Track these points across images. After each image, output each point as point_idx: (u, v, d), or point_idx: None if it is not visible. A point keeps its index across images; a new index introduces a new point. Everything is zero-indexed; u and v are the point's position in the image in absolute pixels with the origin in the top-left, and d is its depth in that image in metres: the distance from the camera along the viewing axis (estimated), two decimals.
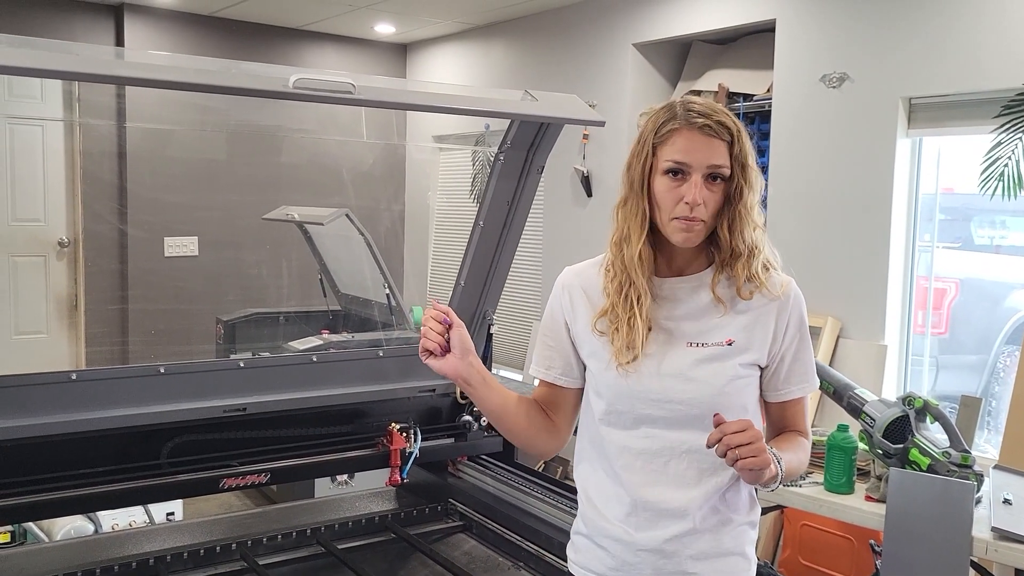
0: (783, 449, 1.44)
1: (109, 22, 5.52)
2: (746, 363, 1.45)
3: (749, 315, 1.45)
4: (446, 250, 6.12)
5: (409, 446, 2.39)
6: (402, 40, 6.33)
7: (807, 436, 1.54)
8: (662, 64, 4.74)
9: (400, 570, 2.38)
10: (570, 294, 1.55)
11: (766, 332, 1.45)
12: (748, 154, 1.41)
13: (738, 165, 1.40)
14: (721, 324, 1.44)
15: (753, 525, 1.52)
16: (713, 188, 1.39)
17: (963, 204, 3.82)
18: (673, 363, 1.44)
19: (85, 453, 2.06)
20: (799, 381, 1.50)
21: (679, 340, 1.45)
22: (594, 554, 1.52)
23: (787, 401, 1.51)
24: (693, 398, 1.43)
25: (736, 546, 1.48)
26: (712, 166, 1.39)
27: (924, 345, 3.72)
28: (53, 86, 5.25)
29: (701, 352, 1.44)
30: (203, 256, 5.69)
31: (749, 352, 1.45)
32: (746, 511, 1.50)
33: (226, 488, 2.19)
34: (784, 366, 1.48)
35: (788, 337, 1.47)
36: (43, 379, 2.02)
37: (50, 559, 2.20)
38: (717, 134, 1.39)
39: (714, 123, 1.39)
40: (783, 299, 1.46)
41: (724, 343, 1.44)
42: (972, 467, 2.51)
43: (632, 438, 1.46)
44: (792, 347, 1.47)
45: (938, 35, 3.38)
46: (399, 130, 6.16)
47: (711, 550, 1.44)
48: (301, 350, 3.53)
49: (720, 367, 1.43)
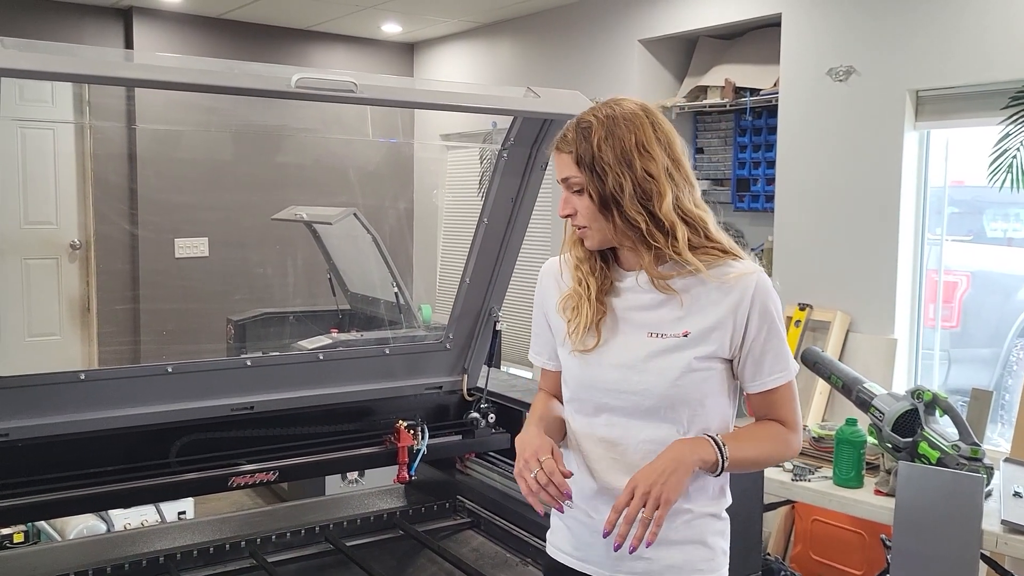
0: (740, 438, 1.47)
1: (118, 26, 5.56)
2: (703, 356, 1.44)
3: (708, 307, 1.45)
4: (454, 248, 6.13)
5: (417, 443, 2.40)
6: (409, 39, 6.34)
7: (790, 425, 1.52)
8: (668, 60, 4.73)
9: (408, 567, 2.38)
10: (545, 281, 1.62)
11: (724, 324, 1.44)
12: (598, 151, 1.41)
13: (586, 168, 1.42)
14: (681, 315, 1.45)
15: (717, 516, 1.52)
16: (579, 197, 1.45)
17: (974, 197, 3.80)
18: (628, 353, 1.46)
19: (95, 452, 2.08)
20: (772, 371, 1.47)
21: (639, 330, 1.47)
22: (562, 534, 1.58)
23: (764, 392, 1.49)
24: (646, 389, 1.44)
25: (694, 535, 1.48)
26: (563, 180, 1.47)
27: (934, 339, 3.70)
28: (64, 90, 5.29)
29: (659, 343, 1.45)
30: (213, 256, 5.72)
31: (706, 344, 1.44)
32: (707, 501, 1.50)
33: (235, 486, 2.21)
34: (753, 357, 1.47)
35: (752, 328, 1.44)
36: (53, 379, 2.04)
37: (63, 558, 2.22)
38: (560, 149, 1.47)
39: (559, 140, 1.47)
40: (742, 289, 1.43)
41: (681, 335, 1.44)
42: (982, 460, 2.49)
43: (594, 425, 1.51)
44: (760, 337, 1.45)
45: (945, 27, 3.36)
46: (406, 129, 6.17)
47: (663, 537, 1.41)
48: (310, 349, 3.55)
49: (674, 359, 1.44)
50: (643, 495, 1.34)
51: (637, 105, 1.46)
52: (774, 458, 1.57)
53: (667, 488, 1.35)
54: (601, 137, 1.42)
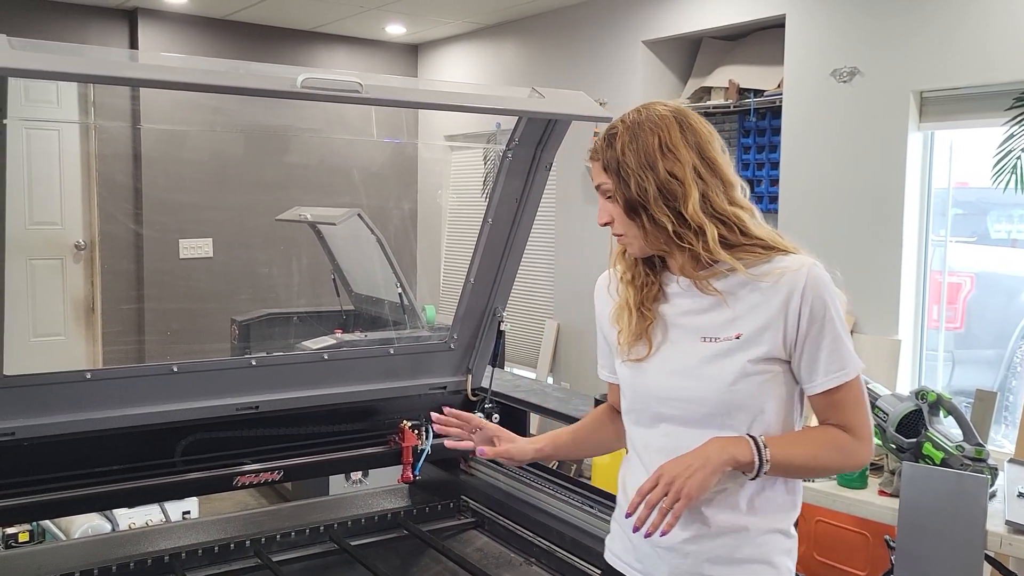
0: (788, 441, 1.39)
1: (123, 27, 5.58)
2: (757, 358, 1.38)
3: (758, 306, 1.39)
4: (458, 248, 6.13)
5: (421, 443, 2.41)
6: (413, 41, 6.35)
7: (853, 430, 1.40)
8: (672, 61, 4.74)
9: (413, 567, 2.39)
10: (598, 295, 1.62)
11: (775, 322, 1.37)
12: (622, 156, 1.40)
13: (612, 173, 1.42)
14: (731, 317, 1.40)
15: (785, 533, 1.44)
16: (613, 204, 1.45)
17: (978, 198, 3.79)
18: (680, 360, 1.43)
19: (100, 452, 2.08)
20: (829, 370, 1.38)
21: (692, 336, 1.43)
22: (623, 543, 1.54)
23: (821, 393, 1.40)
24: (701, 396, 1.40)
25: (759, 554, 1.42)
26: (597, 187, 1.47)
27: (938, 340, 3.69)
28: (69, 91, 5.30)
29: (712, 348, 1.40)
30: (217, 257, 5.73)
31: (759, 346, 1.38)
32: (775, 516, 1.43)
33: (240, 485, 2.22)
34: (808, 356, 1.38)
35: (804, 324, 1.37)
36: (58, 379, 2.04)
37: (68, 557, 2.23)
38: (591, 157, 1.47)
39: (590, 150, 1.48)
40: (791, 284, 1.37)
41: (733, 337, 1.39)
42: (986, 461, 2.49)
43: (653, 435, 1.47)
44: (812, 334, 1.37)
45: (949, 28, 3.36)
46: (410, 130, 6.18)
47: (727, 555, 1.39)
48: (314, 349, 3.55)
49: (727, 363, 1.38)
50: (666, 484, 1.32)
51: (668, 108, 1.44)
52: (830, 466, 1.45)
53: (690, 483, 1.31)
54: (625, 142, 1.41)
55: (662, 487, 1.32)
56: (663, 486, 1.32)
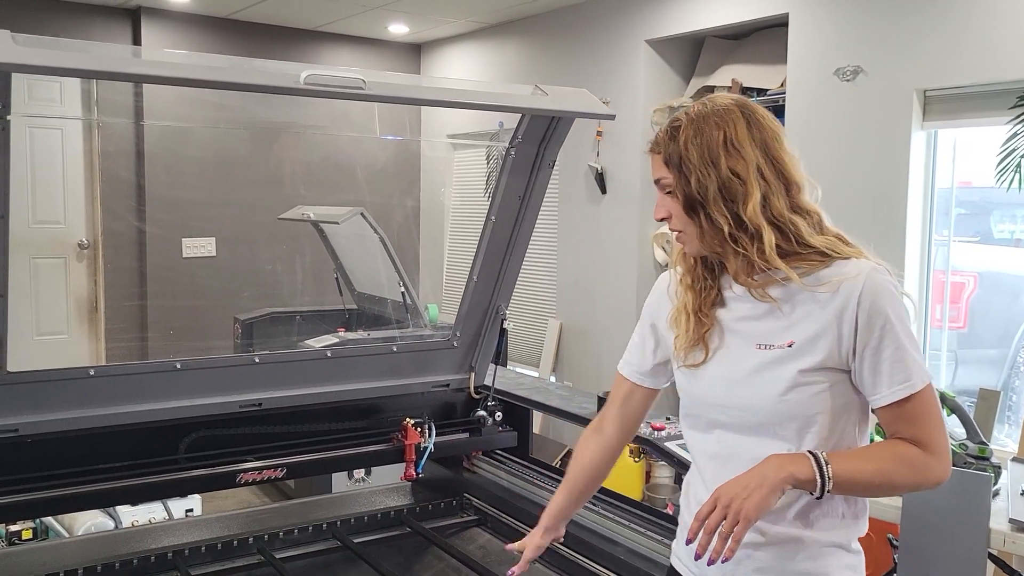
0: (854, 456, 1.34)
1: (126, 26, 5.58)
2: (810, 368, 1.33)
3: (812, 314, 1.34)
4: (461, 247, 6.14)
5: (424, 441, 2.41)
6: (416, 40, 6.35)
7: (926, 445, 1.32)
8: (675, 60, 4.73)
9: (415, 564, 2.39)
10: (657, 294, 1.59)
11: (828, 331, 1.32)
12: (684, 150, 1.36)
13: (674, 168, 1.37)
14: (786, 324, 1.36)
15: (846, 548, 1.39)
16: (672, 200, 1.40)
17: (982, 198, 3.79)
18: (734, 367, 1.40)
19: (103, 449, 2.09)
20: (892, 382, 1.31)
21: (747, 342, 1.39)
22: (682, 546, 1.51)
23: (887, 406, 1.33)
24: (754, 404, 1.37)
25: (815, 568, 1.37)
26: (656, 182, 1.42)
27: (942, 339, 3.69)
28: (72, 89, 5.31)
29: (765, 355, 1.36)
30: (220, 255, 5.73)
31: (812, 355, 1.33)
32: (831, 530, 1.38)
33: (243, 483, 2.22)
34: (869, 367, 1.32)
35: (862, 334, 1.31)
36: (62, 375, 2.04)
37: (71, 553, 2.22)
38: (652, 150, 1.42)
39: (651, 142, 1.43)
40: (848, 292, 1.31)
41: (786, 345, 1.35)
42: (989, 459, 2.49)
43: (707, 442, 1.45)
44: (872, 343, 1.31)
45: (952, 27, 3.35)
46: (412, 128, 6.19)
47: (777, 567, 1.36)
48: (318, 347, 3.55)
49: (779, 372, 1.34)
50: (724, 508, 1.27)
51: (733, 100, 1.39)
52: (901, 484, 1.37)
53: (748, 504, 1.25)
54: (689, 136, 1.36)
55: (720, 511, 1.27)
56: (721, 509, 1.27)
